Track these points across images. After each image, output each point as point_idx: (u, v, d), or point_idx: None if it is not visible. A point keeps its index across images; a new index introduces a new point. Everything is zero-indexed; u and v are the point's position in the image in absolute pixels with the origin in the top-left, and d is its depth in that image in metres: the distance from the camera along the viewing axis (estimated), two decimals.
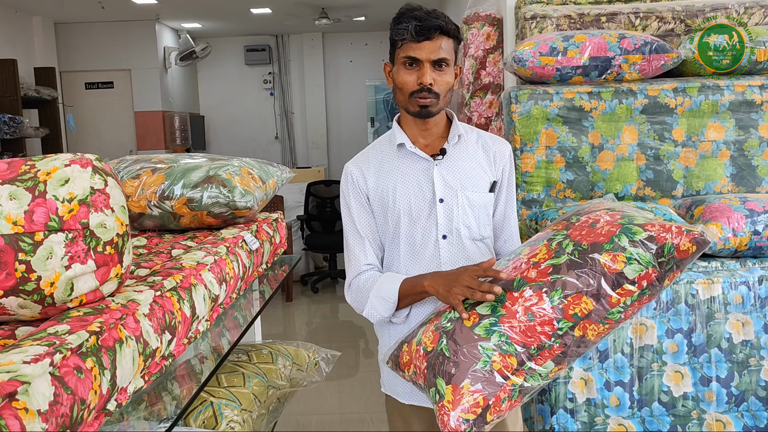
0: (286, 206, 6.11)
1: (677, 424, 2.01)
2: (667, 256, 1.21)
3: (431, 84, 1.44)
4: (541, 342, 1.23)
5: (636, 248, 1.22)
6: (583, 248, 1.26)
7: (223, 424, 1.64)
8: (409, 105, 1.49)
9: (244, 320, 1.69)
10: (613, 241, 1.24)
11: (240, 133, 8.74)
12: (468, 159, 1.56)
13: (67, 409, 0.83)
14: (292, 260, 2.43)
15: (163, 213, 1.76)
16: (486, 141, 1.60)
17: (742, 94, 2.35)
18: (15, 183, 1.00)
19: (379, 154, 1.59)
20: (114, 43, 7.45)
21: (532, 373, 1.23)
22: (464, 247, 1.53)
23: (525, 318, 1.24)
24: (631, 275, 1.21)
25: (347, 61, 8.68)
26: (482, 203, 1.55)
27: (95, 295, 1.06)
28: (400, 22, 1.45)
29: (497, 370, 1.22)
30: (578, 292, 1.22)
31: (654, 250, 1.21)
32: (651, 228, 1.24)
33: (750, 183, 2.38)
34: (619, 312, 1.23)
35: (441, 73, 1.46)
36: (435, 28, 1.42)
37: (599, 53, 2.34)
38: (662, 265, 1.21)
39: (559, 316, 1.22)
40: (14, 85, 5.62)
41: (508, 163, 1.60)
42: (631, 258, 1.21)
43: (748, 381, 2.02)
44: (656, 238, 1.22)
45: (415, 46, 1.43)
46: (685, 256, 1.21)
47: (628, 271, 1.21)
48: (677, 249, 1.21)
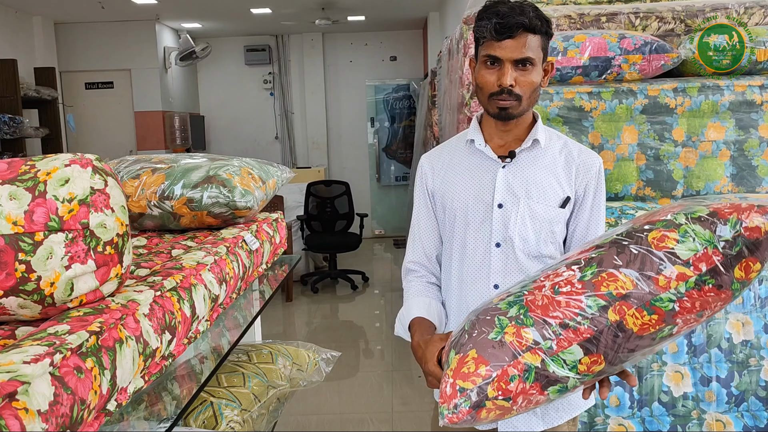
0: (286, 206, 6.12)
1: (677, 424, 2.01)
2: (732, 234, 0.99)
3: (512, 85, 1.34)
4: (564, 319, 1.04)
5: (694, 225, 1.01)
6: (635, 228, 1.07)
7: (223, 424, 1.64)
8: (488, 106, 1.40)
9: (244, 320, 1.69)
10: (668, 219, 1.05)
11: (240, 133, 8.74)
12: (542, 167, 1.43)
13: (67, 409, 0.83)
14: (292, 260, 2.43)
15: (163, 213, 1.76)
16: (571, 151, 1.46)
17: (742, 94, 2.35)
18: (15, 183, 1.00)
19: (451, 149, 1.53)
20: (114, 43, 7.44)
21: (554, 356, 1.04)
22: (518, 261, 1.42)
23: (550, 292, 1.07)
24: (685, 255, 1.00)
25: (347, 61, 8.68)
26: (547, 217, 1.42)
27: (95, 295, 1.06)
28: (482, 17, 1.35)
29: (509, 343, 1.05)
30: (616, 268, 1.03)
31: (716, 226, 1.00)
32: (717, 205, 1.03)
33: (750, 183, 2.38)
34: (670, 300, 1.00)
35: (524, 73, 1.35)
36: (517, 26, 1.31)
37: (599, 53, 2.35)
38: (727, 246, 0.99)
39: (590, 292, 1.03)
40: (14, 85, 5.61)
41: (595, 178, 1.44)
42: (686, 234, 1.01)
43: (748, 381, 2.02)
44: (719, 214, 1.01)
45: (496, 45, 1.33)
46: (756, 236, 0.98)
47: (681, 249, 1.00)
48: (744, 227, 0.98)
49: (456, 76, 3.10)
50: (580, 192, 1.44)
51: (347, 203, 6.22)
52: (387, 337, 4.72)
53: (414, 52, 8.60)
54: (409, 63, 8.60)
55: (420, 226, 1.56)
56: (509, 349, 1.05)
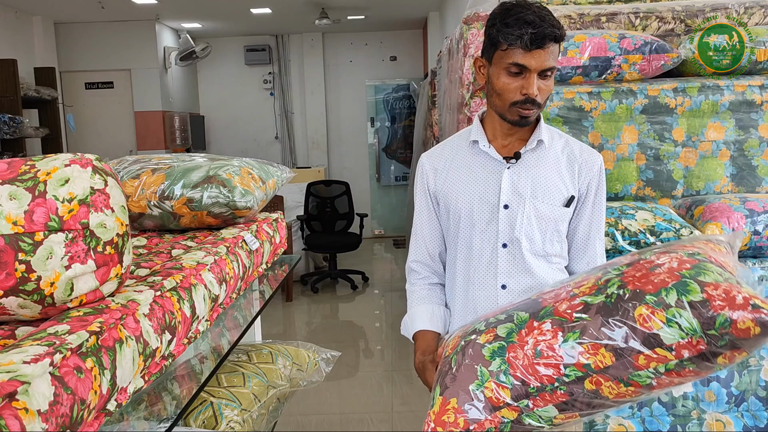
0: (286, 206, 6.12)
1: (677, 424, 2.01)
2: (720, 330, 0.96)
3: (536, 95, 1.33)
4: (542, 383, 1.08)
5: (683, 310, 0.98)
6: (625, 293, 1.06)
7: (223, 424, 1.64)
8: (507, 113, 1.38)
9: (244, 320, 1.69)
10: (660, 294, 1.02)
11: (240, 133, 8.74)
12: (547, 167, 1.43)
13: (67, 409, 0.83)
14: (292, 260, 2.43)
15: (163, 213, 1.76)
16: (573, 151, 1.46)
17: (742, 94, 2.35)
18: (15, 183, 1.00)
19: (452, 149, 1.52)
20: (114, 43, 7.44)
21: (529, 413, 1.09)
22: (525, 261, 1.42)
23: (531, 352, 1.09)
24: (669, 340, 0.99)
25: (347, 61, 8.68)
26: (552, 216, 1.42)
27: (95, 295, 1.06)
28: (509, 24, 1.31)
29: (488, 398, 1.11)
30: (597, 341, 1.04)
31: (705, 318, 0.97)
32: (712, 290, 0.99)
33: (750, 183, 2.38)
34: (648, 377, 1.01)
35: (546, 81, 1.35)
36: (550, 37, 1.30)
37: (599, 53, 2.34)
38: (713, 340, 0.96)
39: (569, 362, 1.05)
40: (14, 85, 5.61)
41: (596, 177, 1.45)
42: (672, 320, 0.99)
43: (748, 381, 2.02)
44: (711, 306, 0.97)
45: (526, 54, 1.30)
46: (745, 336, 0.94)
47: (665, 334, 0.99)
48: (734, 325, 0.95)
49: (456, 76, 3.09)
50: (582, 190, 1.45)
51: (347, 203, 6.22)
52: (387, 337, 4.72)
53: (414, 52, 8.59)
54: (409, 63, 8.60)
55: (422, 225, 1.56)
56: (488, 404, 1.11)
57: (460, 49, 2.92)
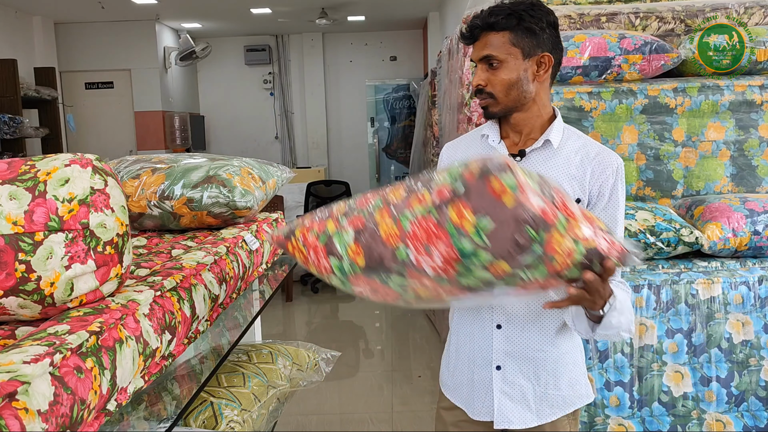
0: (286, 206, 6.12)
1: (677, 424, 2.01)
2: (458, 176, 1.10)
3: (480, 85, 1.38)
4: (358, 208, 1.19)
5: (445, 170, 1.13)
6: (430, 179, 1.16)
7: (223, 424, 1.64)
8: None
9: (244, 320, 1.69)
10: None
11: (240, 133, 8.74)
12: (554, 168, 1.41)
13: (67, 409, 0.83)
14: (292, 260, 2.43)
15: (163, 213, 1.76)
16: (589, 152, 1.42)
17: (742, 94, 2.35)
18: (15, 183, 1.00)
19: (468, 142, 1.55)
20: (114, 43, 7.45)
21: (338, 231, 1.17)
22: None
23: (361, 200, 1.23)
24: (434, 185, 1.11)
25: (347, 61, 8.68)
26: None
27: (95, 295, 1.06)
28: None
29: (330, 211, 1.23)
30: (402, 186, 1.16)
31: (457, 174, 1.09)
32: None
33: (750, 183, 2.38)
34: (407, 219, 1.09)
35: (493, 72, 1.37)
36: (477, 28, 1.36)
37: (599, 53, 2.35)
38: (454, 190, 1.08)
39: (376, 200, 1.17)
40: (14, 85, 5.62)
41: (611, 178, 1.40)
42: (442, 176, 1.11)
43: (748, 381, 2.02)
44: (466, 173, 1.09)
45: (473, 48, 1.40)
46: (471, 180, 1.06)
47: (437, 178, 1.12)
48: (466, 171, 1.09)
49: (456, 76, 3.10)
50: (594, 193, 1.41)
51: None
52: (387, 337, 4.72)
53: (414, 52, 8.60)
54: (409, 63, 8.61)
55: None
56: (326, 213, 1.22)
57: (460, 49, 2.92)
